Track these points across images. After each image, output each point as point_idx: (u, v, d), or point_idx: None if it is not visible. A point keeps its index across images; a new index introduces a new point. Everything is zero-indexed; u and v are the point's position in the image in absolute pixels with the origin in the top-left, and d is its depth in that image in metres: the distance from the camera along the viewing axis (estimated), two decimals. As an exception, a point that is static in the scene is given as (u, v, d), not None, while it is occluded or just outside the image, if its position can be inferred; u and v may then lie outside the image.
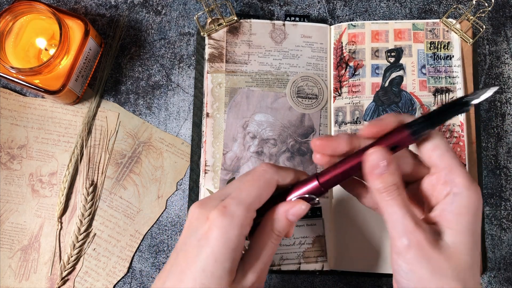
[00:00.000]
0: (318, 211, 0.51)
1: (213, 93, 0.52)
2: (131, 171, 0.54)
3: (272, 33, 0.54)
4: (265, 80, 0.53)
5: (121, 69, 0.56)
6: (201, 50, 0.54)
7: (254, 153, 0.51)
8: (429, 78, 0.52)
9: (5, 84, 0.55)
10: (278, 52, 0.53)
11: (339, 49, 0.54)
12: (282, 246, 0.50)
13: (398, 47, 0.53)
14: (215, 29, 0.53)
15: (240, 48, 0.53)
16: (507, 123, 0.55)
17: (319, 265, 0.50)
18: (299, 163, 0.51)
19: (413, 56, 0.53)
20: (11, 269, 0.52)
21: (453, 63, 0.53)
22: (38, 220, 0.53)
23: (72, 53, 0.49)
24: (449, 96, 0.52)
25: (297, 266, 0.50)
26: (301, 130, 0.52)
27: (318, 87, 0.53)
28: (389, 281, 0.52)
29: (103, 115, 0.55)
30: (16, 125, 0.54)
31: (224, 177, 0.51)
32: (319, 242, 0.50)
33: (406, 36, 0.53)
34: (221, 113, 0.52)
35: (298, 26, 0.54)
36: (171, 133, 0.54)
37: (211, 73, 0.52)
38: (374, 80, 0.53)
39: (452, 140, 0.51)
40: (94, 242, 0.53)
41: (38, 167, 0.54)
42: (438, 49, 0.53)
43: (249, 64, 0.53)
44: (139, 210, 0.53)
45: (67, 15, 0.50)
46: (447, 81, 0.52)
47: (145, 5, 0.57)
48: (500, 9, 0.57)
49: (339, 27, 0.54)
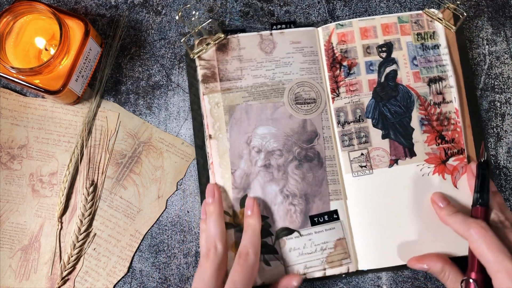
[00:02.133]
0: (335, 214, 0.50)
1: (212, 113, 0.52)
2: (131, 171, 0.54)
3: (261, 44, 0.53)
4: (262, 92, 0.52)
5: (121, 69, 0.56)
6: (192, 72, 0.53)
7: (262, 167, 0.51)
8: (421, 69, 0.53)
9: (5, 84, 0.55)
10: (270, 62, 0.53)
11: (330, 50, 0.54)
12: (304, 255, 0.49)
13: (388, 41, 0.54)
14: (204, 49, 0.52)
15: (232, 65, 0.53)
16: (507, 123, 0.55)
17: (344, 268, 0.49)
18: (308, 169, 0.51)
19: (403, 49, 0.53)
20: (11, 269, 0.52)
21: (441, 52, 0.53)
22: (38, 220, 0.53)
23: (72, 53, 0.49)
24: (443, 85, 0.53)
25: (323, 272, 0.49)
26: (305, 136, 0.52)
27: (315, 90, 0.53)
28: (389, 281, 0.52)
29: (103, 115, 0.55)
30: (16, 125, 0.54)
31: (237, 196, 0.50)
32: (341, 245, 0.50)
33: (393, 30, 0.54)
34: (223, 133, 0.51)
35: (286, 33, 0.54)
36: (171, 133, 0.54)
37: (207, 94, 0.52)
38: (370, 76, 0.53)
39: (450, 127, 0.52)
40: (94, 242, 0.53)
41: (38, 167, 0.54)
42: (425, 40, 0.54)
43: (243, 79, 0.52)
44: (139, 210, 0.53)
45: (67, 15, 0.50)
46: (439, 70, 0.53)
47: (145, 5, 0.57)
48: (500, 9, 0.57)
49: (327, 28, 0.54)
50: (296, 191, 0.51)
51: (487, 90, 0.55)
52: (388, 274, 0.52)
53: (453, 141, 0.52)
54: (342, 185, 0.51)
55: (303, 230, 0.50)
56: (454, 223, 0.46)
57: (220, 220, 0.48)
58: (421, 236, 0.50)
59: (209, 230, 0.47)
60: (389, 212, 0.50)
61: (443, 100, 0.52)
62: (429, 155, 0.52)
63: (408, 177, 0.51)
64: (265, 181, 0.51)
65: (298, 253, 0.49)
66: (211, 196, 0.49)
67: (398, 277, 0.53)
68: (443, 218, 0.48)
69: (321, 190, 0.51)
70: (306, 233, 0.50)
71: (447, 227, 0.47)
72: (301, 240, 0.50)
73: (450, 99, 0.52)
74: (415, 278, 0.52)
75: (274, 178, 0.51)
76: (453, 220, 0.46)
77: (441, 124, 0.52)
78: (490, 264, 0.42)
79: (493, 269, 0.41)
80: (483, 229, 0.43)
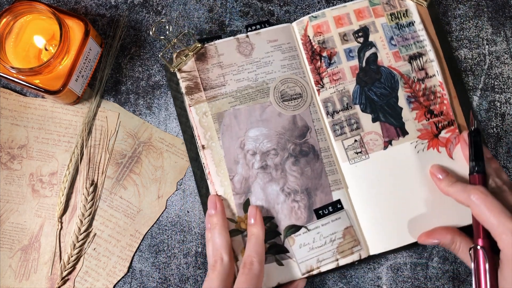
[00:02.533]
0: (339, 204, 0.51)
1: (201, 124, 0.52)
2: (131, 171, 0.54)
3: (238, 48, 0.53)
4: (247, 95, 0.52)
5: (121, 69, 0.56)
6: (175, 86, 0.53)
7: (260, 169, 0.51)
8: (400, 48, 0.54)
9: (5, 84, 0.55)
10: (251, 64, 0.53)
11: (308, 43, 0.54)
12: (314, 249, 0.49)
13: (363, 26, 0.54)
14: (183, 61, 0.52)
15: (213, 72, 0.52)
16: (507, 123, 0.55)
17: (356, 255, 0.50)
18: (305, 164, 0.51)
19: (379, 31, 0.54)
20: (11, 269, 0.52)
21: (416, 28, 0.54)
22: (38, 220, 0.53)
23: (72, 53, 0.49)
24: (423, 60, 0.53)
25: (335, 263, 0.49)
26: (297, 132, 0.52)
27: (299, 85, 0.53)
28: (389, 281, 0.52)
29: (103, 115, 0.55)
30: (16, 125, 0.54)
31: (238, 201, 0.50)
32: (349, 233, 0.50)
33: (366, 14, 0.54)
34: (216, 141, 0.51)
35: (262, 33, 0.54)
36: (171, 133, 0.54)
37: (193, 105, 0.52)
38: (351, 63, 0.53)
39: (437, 100, 0.53)
40: (94, 242, 0.53)
41: (39, 167, 0.54)
42: (399, 19, 0.54)
43: (226, 85, 0.52)
44: (139, 210, 0.53)
45: (67, 15, 0.50)
46: (417, 46, 0.54)
47: (145, 5, 0.57)
48: (500, 9, 0.57)
49: (301, 22, 0.54)
50: (297, 187, 0.51)
51: (487, 90, 0.55)
52: (388, 274, 0.53)
53: (442, 114, 0.52)
54: (341, 174, 0.52)
55: (310, 225, 0.50)
56: (455, 193, 0.47)
57: (224, 231, 0.48)
58: (426, 211, 0.50)
59: (215, 241, 0.47)
60: (391, 193, 0.51)
61: (426, 75, 0.53)
62: (421, 131, 0.52)
63: (404, 156, 0.52)
64: (264, 182, 0.51)
65: (309, 248, 0.49)
66: (213, 208, 0.49)
67: (398, 277, 0.53)
68: (444, 189, 0.48)
69: (321, 182, 0.51)
70: (313, 227, 0.50)
71: (450, 198, 0.47)
72: (309, 234, 0.50)
73: (432, 73, 0.53)
74: (415, 278, 0.52)
75: (273, 178, 0.51)
76: (453, 190, 0.47)
77: (428, 99, 0.53)
78: (493, 227, 0.42)
79: (497, 232, 0.42)
80: (483, 194, 0.44)
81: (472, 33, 0.56)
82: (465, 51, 0.56)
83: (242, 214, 0.50)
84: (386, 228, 0.50)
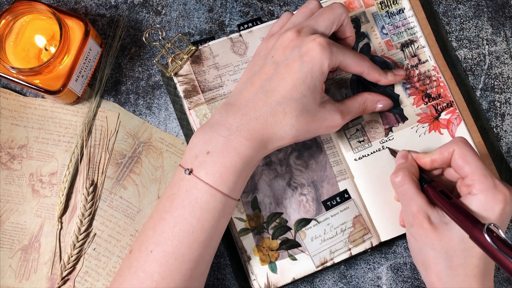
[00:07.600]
0: (346, 194, 0.51)
1: None
2: (131, 171, 0.54)
3: (233, 47, 0.53)
4: None
5: (121, 69, 0.56)
6: (172, 91, 0.53)
7: (264, 166, 0.51)
8: (392, 36, 0.54)
9: (5, 84, 0.55)
10: (246, 63, 0.53)
11: None
12: (326, 241, 0.50)
13: (354, 17, 0.54)
14: (178, 65, 0.52)
15: (210, 74, 0.52)
16: (507, 123, 0.55)
17: (368, 243, 0.50)
18: (309, 157, 0.51)
19: (370, 21, 0.54)
20: (11, 269, 0.52)
21: (406, 15, 0.54)
22: (38, 220, 0.53)
23: (72, 53, 0.49)
24: (415, 46, 0.54)
25: (348, 253, 0.50)
26: None
27: None
28: (388, 281, 0.52)
29: (103, 115, 0.55)
30: (16, 125, 0.54)
31: (246, 199, 0.50)
32: (359, 222, 0.50)
33: (357, 5, 0.54)
34: None
35: (254, 31, 0.54)
36: (171, 133, 0.54)
37: (193, 108, 0.52)
38: None
39: (433, 84, 0.53)
40: (94, 242, 0.53)
41: (38, 167, 0.54)
42: (389, 7, 0.54)
43: (224, 85, 0.52)
44: (139, 210, 0.53)
45: (67, 15, 0.50)
46: (408, 33, 0.54)
47: (145, 5, 0.57)
48: (499, 9, 0.57)
49: None
50: (303, 181, 0.51)
51: (487, 90, 0.55)
52: (388, 274, 0.53)
53: (440, 96, 0.53)
54: (345, 164, 0.52)
55: (319, 217, 0.50)
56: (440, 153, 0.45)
57: None
58: None
59: None
60: None
61: (419, 61, 0.53)
62: (420, 115, 0.52)
63: (406, 141, 0.52)
64: (270, 179, 0.51)
65: (321, 240, 0.50)
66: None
67: (398, 277, 0.53)
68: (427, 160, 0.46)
69: (327, 173, 0.51)
70: (323, 219, 0.50)
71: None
72: (320, 227, 0.50)
73: (425, 58, 0.53)
74: (415, 278, 0.53)
75: (278, 173, 0.51)
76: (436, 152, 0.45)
77: (424, 83, 0.53)
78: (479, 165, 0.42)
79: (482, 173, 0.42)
80: (465, 139, 0.44)
81: (472, 33, 0.56)
82: (465, 51, 0.56)
83: (252, 212, 0.50)
84: (395, 214, 0.51)
